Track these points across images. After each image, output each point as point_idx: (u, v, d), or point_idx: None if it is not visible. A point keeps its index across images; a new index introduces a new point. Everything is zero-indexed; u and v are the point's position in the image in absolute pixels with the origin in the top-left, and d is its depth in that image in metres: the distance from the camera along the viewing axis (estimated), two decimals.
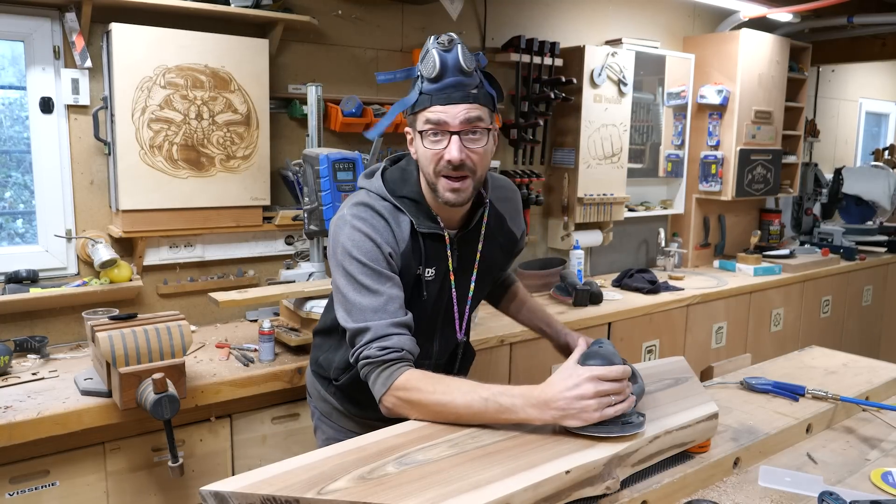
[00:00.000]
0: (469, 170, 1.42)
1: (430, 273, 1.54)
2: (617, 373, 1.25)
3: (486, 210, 1.59)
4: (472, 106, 1.40)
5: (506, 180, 1.73)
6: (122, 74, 2.39)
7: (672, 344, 3.55)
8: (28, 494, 1.90)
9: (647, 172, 4.19)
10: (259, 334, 2.31)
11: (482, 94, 1.43)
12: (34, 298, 2.33)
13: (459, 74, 1.39)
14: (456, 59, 1.38)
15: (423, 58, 1.41)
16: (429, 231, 1.51)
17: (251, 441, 2.27)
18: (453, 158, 1.39)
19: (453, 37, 1.40)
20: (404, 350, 1.40)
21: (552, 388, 1.25)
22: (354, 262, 1.43)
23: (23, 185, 2.52)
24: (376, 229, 1.46)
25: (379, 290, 1.42)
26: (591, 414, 1.22)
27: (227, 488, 1.04)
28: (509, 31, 3.54)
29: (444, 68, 1.38)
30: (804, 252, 4.56)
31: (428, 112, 1.40)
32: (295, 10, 2.75)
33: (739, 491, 1.35)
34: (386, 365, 1.39)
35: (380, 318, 1.40)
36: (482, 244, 1.60)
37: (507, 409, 1.27)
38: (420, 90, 1.41)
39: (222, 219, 2.67)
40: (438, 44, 1.39)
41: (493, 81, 1.47)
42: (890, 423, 1.68)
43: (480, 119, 1.41)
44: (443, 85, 1.39)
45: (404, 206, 1.50)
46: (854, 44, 4.90)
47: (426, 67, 1.40)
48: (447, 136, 1.40)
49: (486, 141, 1.44)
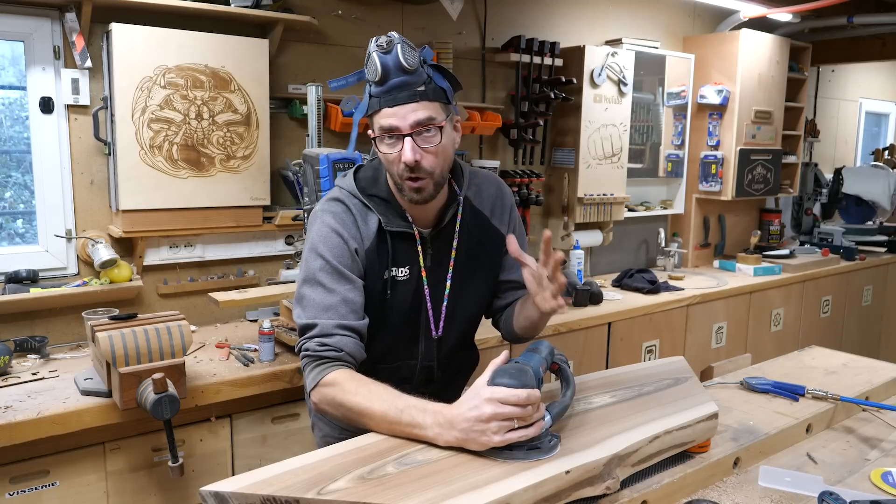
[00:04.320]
0: (426, 171, 1.42)
1: (404, 273, 1.53)
2: (520, 397, 1.15)
3: (461, 207, 1.58)
4: (420, 104, 1.39)
5: (490, 176, 1.69)
6: (122, 74, 2.39)
7: (672, 344, 3.56)
8: (28, 494, 1.90)
9: (647, 172, 4.19)
10: (259, 334, 2.30)
11: (431, 89, 1.41)
12: (34, 298, 2.33)
13: (403, 74, 1.37)
14: (396, 59, 1.36)
15: (366, 62, 1.41)
16: (398, 230, 1.51)
17: (251, 441, 2.27)
18: (408, 160, 1.39)
19: (392, 37, 1.38)
20: (343, 351, 1.41)
21: (456, 409, 1.19)
22: (319, 259, 1.45)
23: (23, 185, 2.52)
24: (345, 224, 1.48)
25: (334, 290, 1.44)
26: (490, 437, 1.15)
27: (227, 488, 1.04)
28: (509, 31, 3.54)
29: (385, 71, 1.37)
30: (804, 252, 4.57)
31: (379, 117, 1.40)
32: (295, 10, 2.75)
33: (739, 491, 1.35)
34: (321, 361, 1.41)
35: (328, 318, 1.42)
36: (457, 241, 1.58)
37: (417, 425, 1.22)
38: (370, 94, 1.42)
39: (222, 219, 2.67)
40: (378, 46, 1.38)
41: (445, 73, 1.45)
42: (890, 423, 1.68)
43: (431, 118, 1.40)
44: (388, 87, 1.38)
45: (374, 204, 1.51)
46: (854, 44, 4.90)
47: (370, 72, 1.39)
48: (401, 140, 1.40)
49: (440, 138, 1.43)
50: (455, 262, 1.59)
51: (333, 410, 1.39)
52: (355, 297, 1.46)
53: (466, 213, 1.60)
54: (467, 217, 1.60)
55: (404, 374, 1.62)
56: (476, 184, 1.64)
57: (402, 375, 1.62)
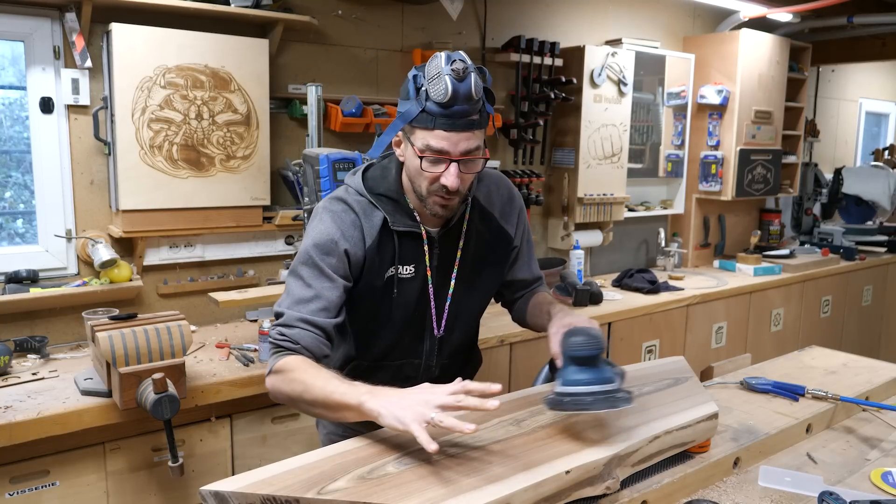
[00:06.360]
0: (459, 192, 1.44)
1: (409, 271, 1.54)
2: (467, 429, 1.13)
3: (469, 208, 1.58)
4: (473, 134, 1.40)
5: (501, 177, 1.70)
6: (122, 74, 2.39)
7: (672, 344, 3.56)
8: (28, 494, 1.90)
9: (647, 172, 4.19)
10: (259, 334, 2.30)
11: (483, 118, 1.42)
12: (34, 298, 2.33)
13: (466, 103, 1.37)
14: (468, 89, 1.36)
15: (432, 79, 1.37)
16: (405, 229, 1.51)
17: (251, 441, 2.27)
18: (451, 185, 1.40)
19: (467, 63, 1.37)
20: (299, 344, 1.43)
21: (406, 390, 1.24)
22: (306, 254, 1.48)
23: (23, 185, 2.52)
24: (342, 224, 1.48)
25: (312, 286, 1.46)
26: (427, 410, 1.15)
27: (227, 488, 1.05)
28: (509, 31, 3.54)
29: (454, 96, 1.35)
30: (804, 252, 4.57)
31: (430, 136, 1.39)
32: (295, 10, 2.75)
33: (739, 491, 1.35)
34: (278, 349, 1.44)
35: (297, 311, 1.45)
36: (463, 241, 1.59)
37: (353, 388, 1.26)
38: (423, 107, 1.38)
39: (222, 219, 2.67)
40: (453, 71, 1.35)
41: (490, 95, 1.46)
42: (890, 423, 1.68)
43: (479, 147, 1.42)
44: (450, 112, 1.37)
45: (380, 203, 1.51)
46: (854, 44, 4.90)
47: (436, 91, 1.36)
48: (446, 162, 1.40)
49: (480, 166, 1.45)
50: (461, 261, 1.59)
51: (281, 394, 1.41)
52: (331, 295, 1.47)
53: (475, 214, 1.60)
54: (475, 217, 1.61)
55: (407, 373, 1.63)
56: (486, 184, 1.65)
57: (406, 374, 1.62)
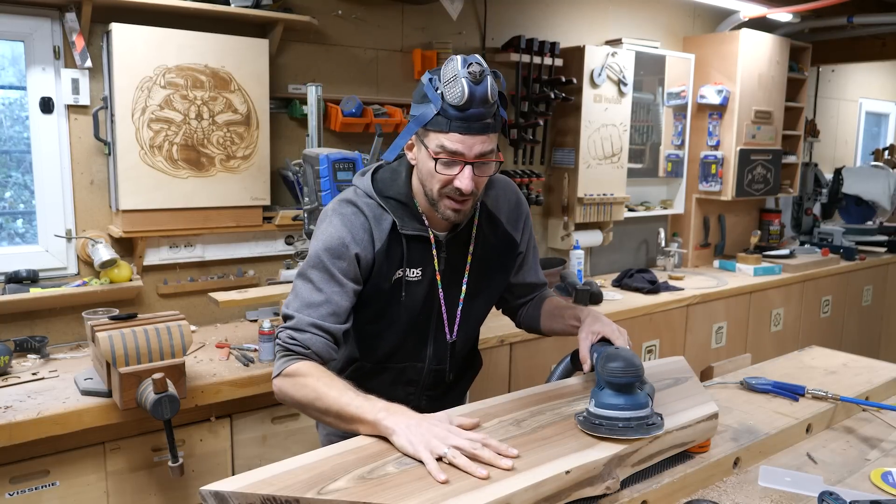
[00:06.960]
0: (473, 194, 1.44)
1: (416, 274, 1.53)
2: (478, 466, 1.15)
3: (477, 213, 1.58)
4: (488, 137, 1.40)
5: (509, 182, 1.70)
6: (122, 74, 2.39)
7: (672, 344, 3.56)
8: (28, 494, 1.90)
9: (647, 172, 4.19)
10: (259, 334, 2.30)
11: (497, 121, 1.42)
12: (34, 298, 2.33)
13: (482, 106, 1.37)
14: (485, 92, 1.36)
15: (448, 81, 1.37)
16: (414, 233, 1.51)
17: (251, 441, 2.27)
18: (465, 188, 1.40)
19: (483, 66, 1.37)
20: (310, 350, 1.43)
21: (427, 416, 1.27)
22: (317, 257, 1.48)
23: (23, 185, 2.52)
24: (352, 227, 1.48)
25: (322, 290, 1.46)
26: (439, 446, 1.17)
27: (227, 488, 1.04)
28: (509, 31, 3.54)
29: (470, 99, 1.35)
30: (804, 252, 4.57)
31: (445, 138, 1.38)
32: (295, 10, 2.75)
33: (739, 491, 1.35)
34: (287, 353, 1.45)
35: (307, 314, 1.45)
36: (472, 246, 1.59)
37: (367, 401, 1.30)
38: (439, 110, 1.38)
39: (222, 219, 2.67)
40: (469, 74, 1.35)
41: (504, 98, 1.46)
42: (890, 423, 1.68)
43: (493, 150, 1.43)
44: (466, 115, 1.37)
45: (389, 206, 1.51)
46: (854, 44, 4.90)
47: (452, 94, 1.36)
48: (460, 165, 1.40)
49: (494, 169, 1.46)
50: (471, 266, 1.60)
51: (290, 399, 1.42)
52: (341, 300, 1.47)
53: (483, 218, 1.61)
54: (483, 222, 1.61)
55: (410, 376, 1.63)
56: (494, 189, 1.65)
57: (409, 377, 1.62)
